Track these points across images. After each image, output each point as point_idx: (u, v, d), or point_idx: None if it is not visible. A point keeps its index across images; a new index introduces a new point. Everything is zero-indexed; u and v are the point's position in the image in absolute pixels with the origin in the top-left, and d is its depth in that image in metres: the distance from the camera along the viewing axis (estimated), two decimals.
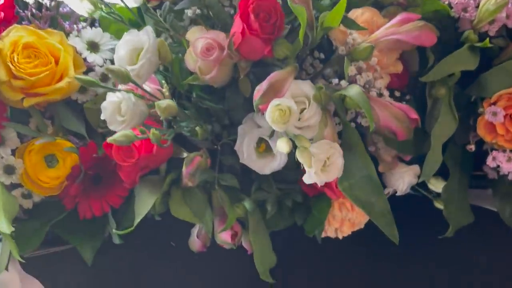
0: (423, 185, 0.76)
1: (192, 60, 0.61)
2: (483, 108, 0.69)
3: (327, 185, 0.67)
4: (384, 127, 0.57)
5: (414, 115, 0.57)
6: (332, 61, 0.64)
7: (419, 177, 0.73)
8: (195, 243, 0.75)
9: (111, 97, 0.59)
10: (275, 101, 0.52)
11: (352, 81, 0.60)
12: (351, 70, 0.59)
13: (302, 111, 0.58)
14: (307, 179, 0.56)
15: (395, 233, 0.58)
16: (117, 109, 0.58)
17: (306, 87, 0.58)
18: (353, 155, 0.58)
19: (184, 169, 0.64)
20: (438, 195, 0.74)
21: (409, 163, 0.74)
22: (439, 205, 0.75)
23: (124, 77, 0.57)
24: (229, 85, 0.65)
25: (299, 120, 0.57)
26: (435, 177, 0.74)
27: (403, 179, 0.73)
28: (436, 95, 0.69)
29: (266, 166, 0.64)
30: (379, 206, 0.57)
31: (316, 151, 0.54)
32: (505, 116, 0.67)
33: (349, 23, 0.59)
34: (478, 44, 0.65)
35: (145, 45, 0.59)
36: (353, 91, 0.54)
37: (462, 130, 0.73)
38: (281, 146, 0.53)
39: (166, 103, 0.56)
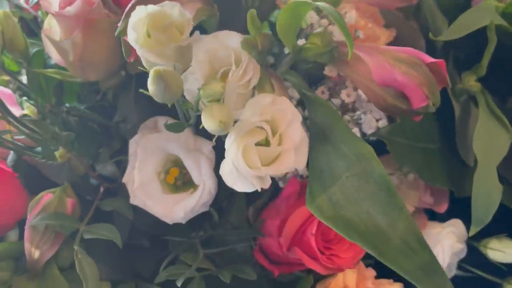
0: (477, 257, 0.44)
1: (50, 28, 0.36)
2: None
3: (300, 238, 0.35)
4: (383, 84, 0.29)
5: (430, 57, 0.30)
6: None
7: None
8: None
9: None
10: (140, 8, 0.25)
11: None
12: (310, 17, 0.34)
13: (225, 75, 0.31)
14: (227, 174, 0.26)
15: None
16: None
17: (231, 39, 0.32)
18: (329, 144, 0.29)
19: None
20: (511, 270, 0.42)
21: (443, 219, 0.44)
22: None
23: None
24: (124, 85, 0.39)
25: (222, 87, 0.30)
26: (497, 238, 0.43)
27: (441, 246, 0.42)
28: (466, 89, 0.42)
29: (176, 208, 0.34)
30: (400, 229, 0.26)
31: (246, 113, 0.26)
32: None
33: None
34: None
35: None
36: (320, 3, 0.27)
37: None
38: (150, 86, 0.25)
39: None
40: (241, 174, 0.26)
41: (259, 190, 0.26)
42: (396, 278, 0.41)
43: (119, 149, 0.39)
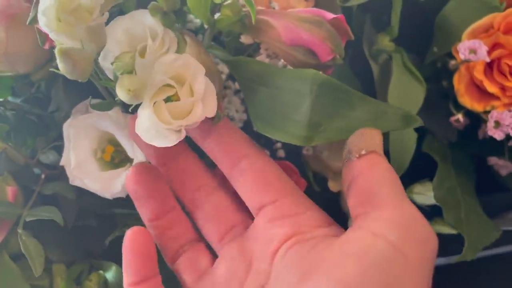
0: None
1: None
2: (456, 61, 0.46)
3: None
4: (292, 44, 0.32)
5: (331, 14, 0.33)
6: None
7: None
8: None
9: None
10: None
11: None
12: None
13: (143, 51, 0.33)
14: (144, 132, 0.28)
15: None
16: None
17: (147, 17, 0.33)
18: (276, 88, 0.32)
19: None
20: (436, 212, 0.46)
21: None
22: (440, 227, 0.45)
23: None
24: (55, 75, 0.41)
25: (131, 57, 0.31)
26: (420, 183, 0.46)
27: None
28: (382, 49, 0.46)
29: (114, 183, 0.36)
30: None
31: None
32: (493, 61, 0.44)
33: None
34: None
35: None
36: None
37: (439, 113, 0.49)
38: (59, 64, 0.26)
39: None
40: (157, 130, 0.28)
41: (176, 143, 0.28)
42: None
43: (57, 137, 0.40)
